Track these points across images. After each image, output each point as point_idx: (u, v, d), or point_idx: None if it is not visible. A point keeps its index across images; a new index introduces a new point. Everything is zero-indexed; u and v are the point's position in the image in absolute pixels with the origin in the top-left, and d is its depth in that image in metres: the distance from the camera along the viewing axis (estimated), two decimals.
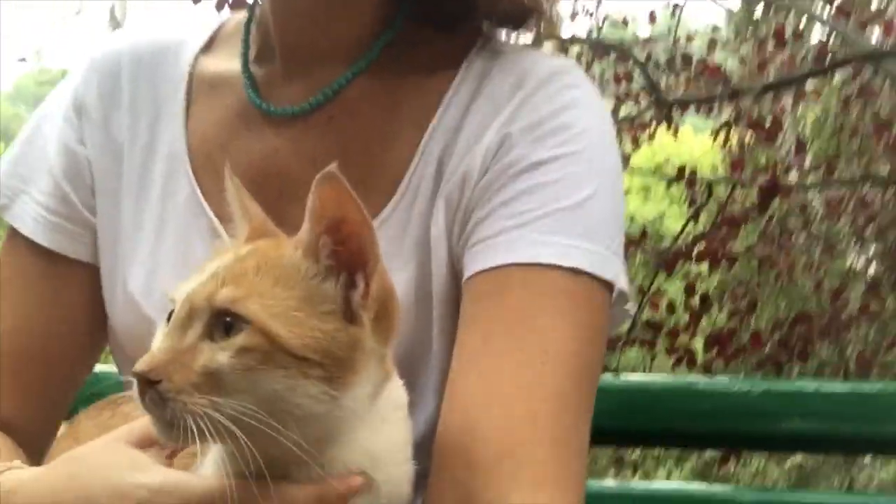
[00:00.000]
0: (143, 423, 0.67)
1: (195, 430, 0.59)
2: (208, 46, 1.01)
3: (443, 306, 0.86)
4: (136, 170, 0.96)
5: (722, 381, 1.33)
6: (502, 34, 0.97)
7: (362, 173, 0.87)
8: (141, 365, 0.60)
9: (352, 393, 0.63)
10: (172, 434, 0.60)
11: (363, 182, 0.85)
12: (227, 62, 0.98)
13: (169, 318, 0.63)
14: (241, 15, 1.01)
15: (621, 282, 0.85)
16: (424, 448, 0.77)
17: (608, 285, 0.83)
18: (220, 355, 0.60)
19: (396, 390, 0.71)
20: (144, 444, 0.68)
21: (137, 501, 0.64)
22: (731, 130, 4.56)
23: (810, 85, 4.47)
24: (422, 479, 0.76)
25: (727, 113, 4.69)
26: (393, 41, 0.92)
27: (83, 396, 0.98)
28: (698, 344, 4.29)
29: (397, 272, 0.84)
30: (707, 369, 4.08)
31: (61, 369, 0.97)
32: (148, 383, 0.59)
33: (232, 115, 0.94)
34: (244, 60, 0.96)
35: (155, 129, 0.97)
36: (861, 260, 5.00)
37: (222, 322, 0.61)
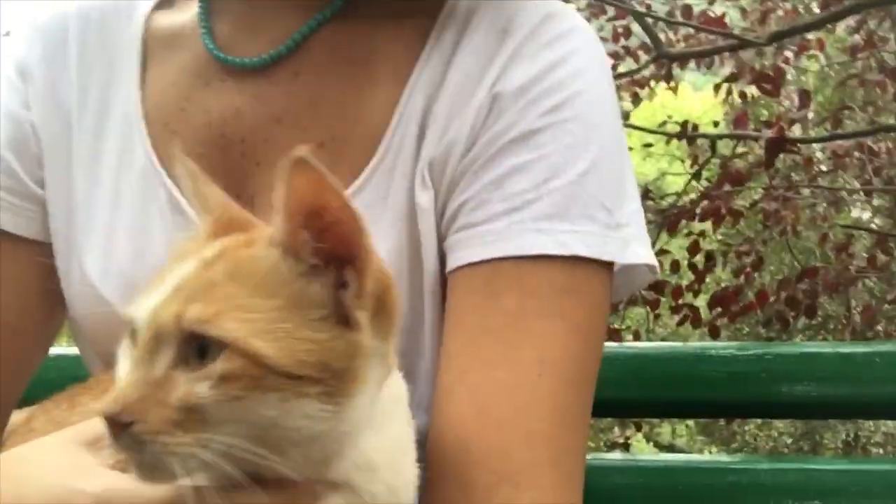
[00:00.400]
0: (95, 421, 0.58)
1: (182, 472, 0.51)
2: (164, 2, 0.93)
3: (434, 282, 0.79)
4: (87, 137, 0.89)
5: (723, 345, 1.26)
6: None
7: (335, 133, 0.82)
8: (109, 406, 0.52)
9: (355, 402, 0.55)
10: (155, 477, 0.53)
11: (336, 142, 0.81)
12: (183, 16, 0.91)
13: (133, 337, 0.55)
14: None
15: (628, 254, 0.78)
16: (420, 443, 0.71)
17: (608, 265, 0.77)
18: (198, 387, 0.51)
19: (395, 383, 0.65)
20: (97, 444, 0.60)
21: None
22: (733, 85, 4.49)
23: (812, 36, 4.38)
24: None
25: (729, 67, 4.63)
26: None
27: (39, 381, 0.92)
28: (703, 303, 4.24)
29: (380, 242, 0.77)
30: (712, 328, 4.05)
31: (12, 354, 0.90)
32: (120, 426, 0.51)
33: (189, 72, 0.87)
34: (203, 10, 0.88)
35: (107, 92, 0.89)
36: (867, 214, 4.95)
37: (195, 345, 0.52)
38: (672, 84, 4.31)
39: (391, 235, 0.79)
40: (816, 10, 4.48)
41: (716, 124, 4.23)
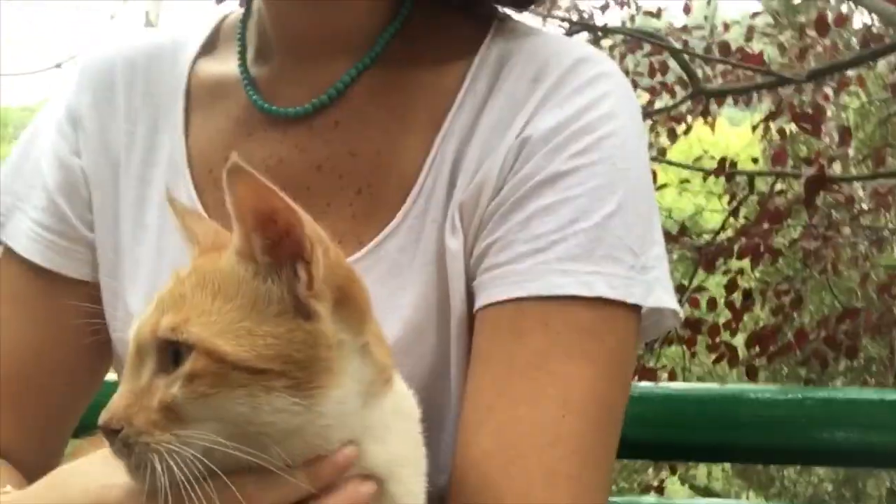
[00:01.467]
0: None
1: (162, 470, 0.55)
2: (208, 48, 0.94)
3: (461, 325, 0.79)
4: (133, 183, 0.90)
5: (762, 388, 1.23)
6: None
7: (371, 180, 0.82)
8: (102, 416, 0.57)
9: (332, 395, 0.58)
10: (140, 475, 0.57)
11: (372, 189, 0.83)
12: (227, 64, 0.92)
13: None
14: (241, 12, 0.94)
15: (653, 298, 0.77)
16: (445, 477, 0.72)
17: (636, 307, 0.76)
18: (172, 388, 0.56)
19: (403, 400, 0.66)
20: None
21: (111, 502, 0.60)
22: (771, 122, 4.44)
23: (851, 72, 4.32)
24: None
25: (767, 103, 4.58)
26: (400, 32, 0.86)
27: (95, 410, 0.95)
28: (740, 341, 4.15)
29: (411, 286, 0.79)
30: (750, 368, 3.96)
31: (60, 394, 0.91)
32: (112, 433, 0.56)
33: (233, 122, 0.88)
34: (241, 60, 0.89)
35: (153, 138, 0.91)
36: None
37: (170, 352, 0.57)
38: (709, 120, 4.27)
39: (421, 279, 0.79)
40: (856, 47, 4.46)
41: (755, 161, 4.18)
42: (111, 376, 1.01)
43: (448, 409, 0.79)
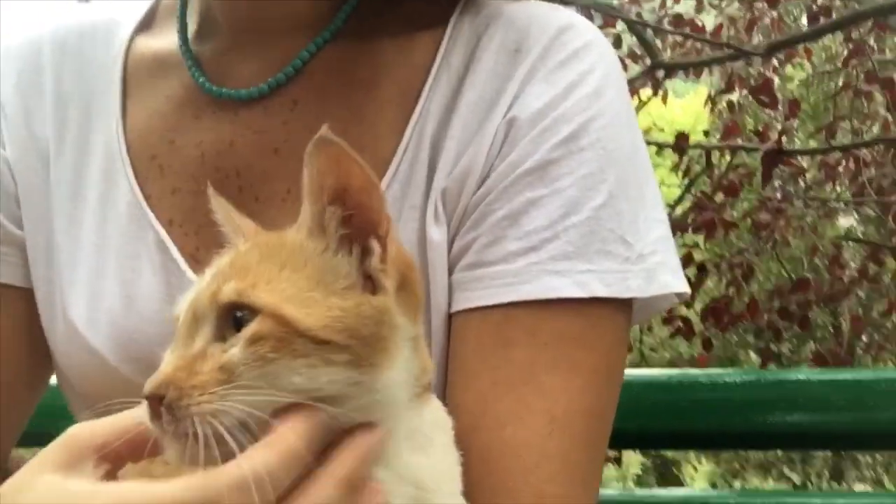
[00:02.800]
0: (58, 443, 0.56)
1: (204, 435, 0.51)
2: (145, 25, 0.86)
3: (442, 319, 0.74)
4: (66, 173, 0.81)
5: (716, 373, 1.22)
6: None
7: None
8: (147, 387, 0.53)
9: (386, 376, 0.56)
10: (180, 445, 0.53)
11: None
12: (167, 41, 0.84)
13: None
14: None
15: (655, 286, 0.74)
16: None
17: (628, 300, 0.73)
18: (231, 351, 0.53)
19: (438, 410, 0.65)
20: (73, 463, 0.55)
21: None
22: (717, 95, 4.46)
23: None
24: None
25: (716, 76, 4.60)
26: (361, 4, 0.79)
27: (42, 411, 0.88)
28: (696, 315, 4.20)
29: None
30: (705, 340, 4.00)
31: (2, 404, 0.83)
32: (158, 402, 0.53)
33: (177, 103, 0.80)
34: (182, 38, 0.81)
35: (87, 124, 0.82)
36: (850, 222, 4.95)
37: (232, 319, 0.54)
38: (660, 93, 4.26)
39: None
40: (803, 21, 4.51)
41: (706, 134, 4.19)
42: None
43: None
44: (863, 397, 1.10)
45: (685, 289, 0.77)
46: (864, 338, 4.76)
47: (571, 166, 0.72)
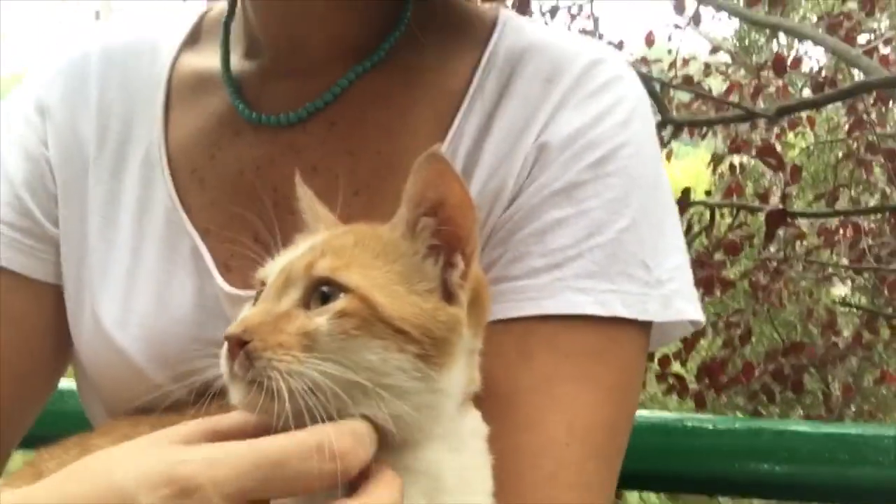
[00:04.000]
0: (180, 427, 0.58)
1: (276, 390, 0.55)
2: (191, 41, 0.90)
3: None
4: (105, 176, 0.84)
5: (693, 417, 1.23)
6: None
7: (371, 181, 0.79)
8: (233, 328, 0.57)
9: (446, 377, 0.60)
10: (252, 394, 0.56)
11: (371, 191, 0.79)
12: (211, 59, 0.87)
13: (256, 299, 0.62)
14: (223, 4, 0.90)
15: (672, 311, 0.76)
16: None
17: (646, 323, 0.75)
18: (317, 318, 0.57)
19: (476, 419, 0.67)
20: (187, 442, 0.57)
21: (186, 477, 0.51)
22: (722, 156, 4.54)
23: (803, 113, 4.46)
24: None
25: (718, 138, 4.69)
26: (400, 37, 0.82)
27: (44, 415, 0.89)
28: (691, 373, 4.20)
29: None
30: (698, 399, 4.00)
31: (11, 399, 0.84)
32: (239, 345, 0.56)
33: (218, 119, 0.83)
34: (224, 64, 0.85)
35: (128, 131, 0.85)
36: (849, 290, 5.00)
37: (320, 291, 0.58)
38: (666, 152, 4.33)
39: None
40: (806, 91, 4.62)
41: (708, 193, 4.25)
42: (67, 384, 0.94)
43: None
44: (847, 451, 1.11)
45: (700, 317, 0.79)
46: (852, 406, 4.78)
47: (598, 189, 0.75)
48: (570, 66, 0.79)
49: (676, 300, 0.76)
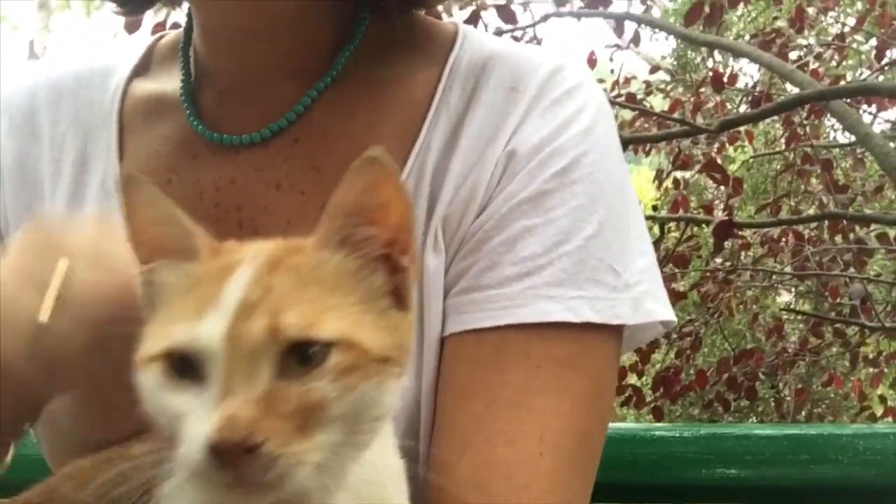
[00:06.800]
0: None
1: (308, 483, 0.51)
2: (141, 68, 0.89)
3: (434, 346, 0.76)
4: (61, 211, 0.83)
5: (654, 427, 1.25)
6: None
7: None
8: (226, 434, 0.49)
9: (404, 380, 0.58)
10: (270, 495, 0.51)
11: None
12: (164, 85, 0.86)
13: (181, 368, 0.52)
14: (176, 34, 0.90)
15: (641, 313, 0.77)
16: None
17: (618, 327, 0.76)
18: (317, 386, 0.52)
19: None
20: None
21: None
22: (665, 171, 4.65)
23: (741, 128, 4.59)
24: None
25: (660, 155, 4.81)
26: (357, 49, 0.83)
27: None
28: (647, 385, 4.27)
29: None
30: (655, 410, 4.06)
31: None
32: (247, 451, 0.49)
33: (174, 143, 0.83)
34: (184, 88, 0.84)
35: (82, 165, 0.84)
36: (793, 297, 5.15)
37: (298, 354, 0.52)
38: None
39: None
40: (744, 106, 4.77)
41: (655, 208, 4.35)
42: None
43: (421, 433, 0.76)
44: (808, 451, 1.15)
45: (671, 317, 0.80)
46: (803, 411, 4.90)
47: (564, 198, 0.76)
48: (534, 74, 0.80)
49: (646, 302, 0.77)
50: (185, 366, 0.52)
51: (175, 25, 1.53)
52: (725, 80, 4.32)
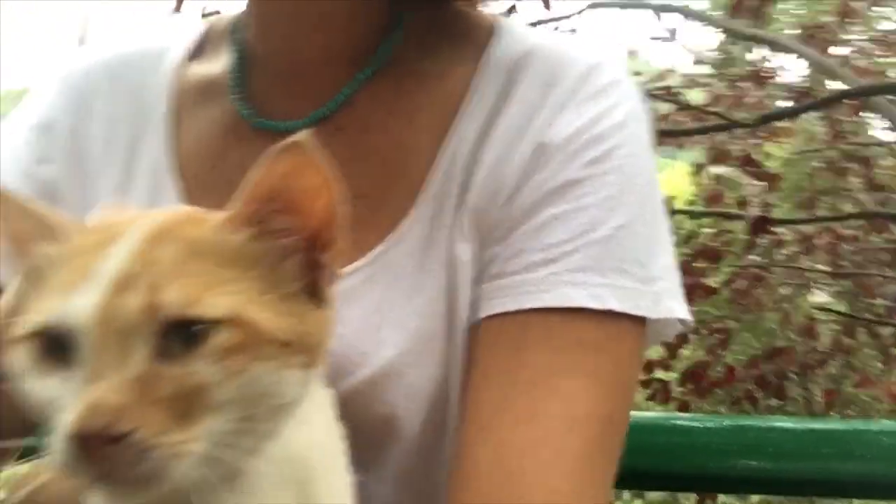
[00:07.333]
0: None
1: (187, 475, 0.46)
2: (196, 52, 0.91)
3: (464, 339, 0.77)
4: (112, 190, 0.85)
5: (677, 416, 1.25)
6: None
7: (376, 183, 0.80)
8: (88, 421, 0.44)
9: (313, 376, 0.55)
10: (151, 487, 0.46)
11: (378, 192, 0.80)
12: (214, 68, 0.88)
13: (53, 349, 0.48)
14: (228, 17, 0.92)
15: (661, 309, 0.77)
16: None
17: (641, 319, 0.76)
18: (198, 369, 0.47)
19: (319, 390, 0.61)
20: None
21: None
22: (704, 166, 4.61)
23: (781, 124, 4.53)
24: None
25: (699, 151, 4.76)
26: (400, 41, 0.84)
27: None
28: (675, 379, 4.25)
29: (418, 295, 0.77)
30: (682, 405, 4.04)
31: None
32: (111, 441, 0.44)
33: (222, 127, 0.85)
34: (233, 73, 0.86)
35: (136, 145, 0.86)
36: (827, 296, 5.07)
37: (180, 333, 0.48)
38: None
39: (429, 287, 0.77)
40: (785, 102, 4.71)
41: (691, 203, 4.32)
42: None
43: (449, 424, 0.77)
44: (831, 447, 1.14)
45: (689, 316, 0.80)
46: (832, 413, 4.83)
47: (595, 187, 0.77)
48: (570, 70, 0.81)
49: (666, 298, 0.78)
50: (56, 346, 0.48)
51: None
52: (767, 74, 4.25)
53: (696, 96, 4.70)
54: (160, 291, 0.47)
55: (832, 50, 4.09)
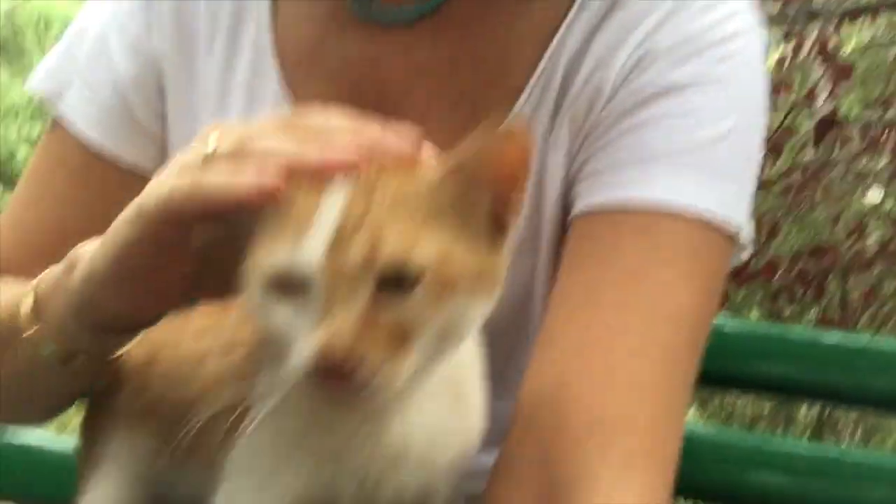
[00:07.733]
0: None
1: (396, 396, 0.58)
2: None
3: (552, 247, 0.79)
4: (215, 71, 0.85)
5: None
6: None
7: (474, 86, 0.80)
8: (327, 356, 0.55)
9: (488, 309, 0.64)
10: (366, 407, 0.59)
11: (475, 95, 0.81)
12: None
13: (289, 286, 0.57)
14: None
15: (744, 232, 0.78)
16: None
17: (729, 236, 0.76)
18: (411, 305, 0.57)
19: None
20: None
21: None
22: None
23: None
24: None
25: (773, 31, 4.52)
26: None
27: None
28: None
29: None
30: (723, 296, 4.03)
31: None
32: (343, 376, 0.55)
33: (325, 13, 0.84)
34: None
35: (238, 21, 0.85)
36: (882, 195, 4.94)
37: (395, 275, 0.56)
38: None
39: None
40: None
41: None
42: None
43: (532, 328, 0.79)
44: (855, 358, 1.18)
45: (750, 246, 0.82)
46: (867, 312, 4.81)
47: (704, 92, 0.77)
48: None
49: (746, 221, 0.80)
50: (287, 283, 0.57)
51: None
52: None
53: None
54: (379, 242, 0.56)
55: None
